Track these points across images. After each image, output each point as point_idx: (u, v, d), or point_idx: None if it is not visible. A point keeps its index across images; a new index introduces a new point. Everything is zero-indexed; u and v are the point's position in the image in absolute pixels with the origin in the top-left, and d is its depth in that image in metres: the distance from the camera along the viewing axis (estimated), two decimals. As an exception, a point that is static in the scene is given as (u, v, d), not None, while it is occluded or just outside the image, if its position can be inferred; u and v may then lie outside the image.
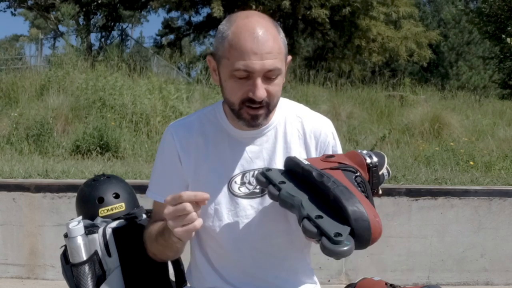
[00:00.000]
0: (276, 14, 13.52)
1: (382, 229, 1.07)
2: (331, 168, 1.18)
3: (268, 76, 1.19)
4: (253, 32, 1.17)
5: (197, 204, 1.13)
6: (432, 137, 6.07)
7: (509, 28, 13.50)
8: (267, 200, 1.27)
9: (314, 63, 13.19)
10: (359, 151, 1.27)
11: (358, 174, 1.19)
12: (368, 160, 1.22)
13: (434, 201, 3.31)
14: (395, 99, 8.25)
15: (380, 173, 1.25)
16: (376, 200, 1.21)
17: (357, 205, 1.06)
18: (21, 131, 5.56)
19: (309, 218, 1.07)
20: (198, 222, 1.13)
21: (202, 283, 1.37)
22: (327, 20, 14.17)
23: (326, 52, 16.57)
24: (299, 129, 1.35)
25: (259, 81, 1.18)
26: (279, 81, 1.23)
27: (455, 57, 22.40)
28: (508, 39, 12.03)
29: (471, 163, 4.65)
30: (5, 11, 17.02)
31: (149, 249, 1.35)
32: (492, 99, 10.12)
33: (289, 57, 1.30)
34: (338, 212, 1.07)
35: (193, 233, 1.17)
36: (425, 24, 20.13)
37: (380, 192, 1.29)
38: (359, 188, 1.14)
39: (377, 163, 1.23)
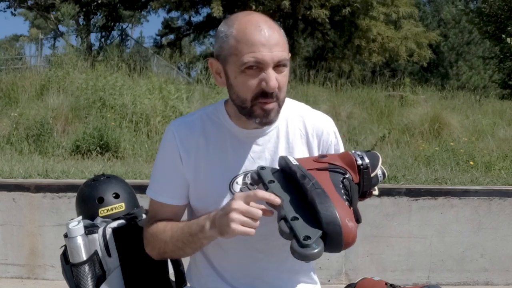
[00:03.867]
0: (276, 14, 13.53)
1: (356, 235, 1.06)
2: (318, 169, 1.18)
3: (278, 68, 1.19)
4: (258, 25, 1.18)
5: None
6: (432, 137, 6.07)
7: (509, 28, 13.50)
8: None
9: (314, 63, 13.21)
10: (353, 151, 1.26)
11: (347, 176, 1.18)
12: (359, 162, 1.21)
13: (434, 201, 3.31)
14: (395, 99, 8.24)
15: (373, 174, 1.23)
16: (376, 200, 1.21)
17: (330, 209, 1.06)
18: (21, 131, 5.56)
19: (285, 219, 1.08)
20: (253, 232, 1.13)
21: (202, 284, 1.37)
22: (327, 20, 14.18)
23: (326, 52, 16.58)
24: (301, 129, 1.35)
25: (270, 71, 1.18)
26: (287, 73, 1.23)
27: (455, 57, 22.40)
28: (508, 39, 12.04)
29: (471, 163, 4.65)
30: (5, 11, 17.05)
31: (159, 249, 1.32)
32: (492, 99, 10.12)
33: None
34: (314, 214, 1.08)
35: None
36: (425, 24, 20.16)
37: (377, 192, 1.27)
38: (342, 191, 1.14)
39: (368, 165, 1.21)
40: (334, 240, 1.05)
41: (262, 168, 1.23)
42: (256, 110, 1.21)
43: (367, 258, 3.28)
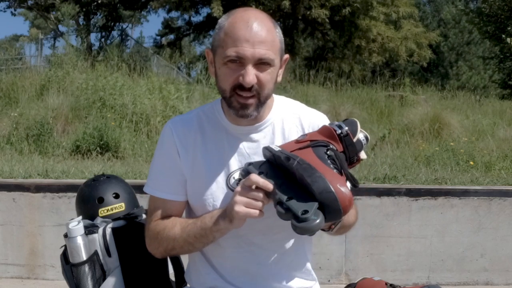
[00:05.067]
0: (276, 14, 13.52)
1: (352, 197, 1.09)
2: (300, 148, 1.21)
3: (260, 65, 1.22)
4: (247, 21, 1.21)
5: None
6: (432, 137, 6.07)
7: (509, 28, 13.50)
8: None
9: (314, 63, 13.20)
10: (329, 123, 1.29)
11: (330, 147, 1.21)
12: (338, 131, 1.24)
13: (434, 201, 3.31)
14: (395, 99, 8.25)
15: (355, 139, 1.25)
16: (376, 200, 1.22)
17: (319, 179, 1.08)
18: (21, 131, 5.56)
19: (280, 202, 1.11)
20: (259, 214, 1.17)
21: (201, 283, 1.37)
22: (327, 20, 14.18)
23: (326, 52, 16.58)
24: (297, 125, 1.37)
25: (249, 67, 1.21)
26: (272, 72, 1.25)
27: (455, 57, 22.41)
28: (508, 39, 12.04)
29: (471, 163, 4.64)
30: (5, 11, 17.03)
31: (166, 246, 1.32)
32: (492, 99, 10.13)
33: (287, 56, 1.32)
34: (306, 190, 1.10)
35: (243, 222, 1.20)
36: (425, 24, 20.15)
37: (365, 156, 1.30)
38: (329, 162, 1.16)
39: (347, 131, 1.24)
40: (331, 207, 1.07)
41: (250, 164, 1.25)
42: (233, 101, 1.25)
43: (367, 258, 3.28)
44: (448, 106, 7.74)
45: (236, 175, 1.31)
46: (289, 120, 1.36)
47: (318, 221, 1.05)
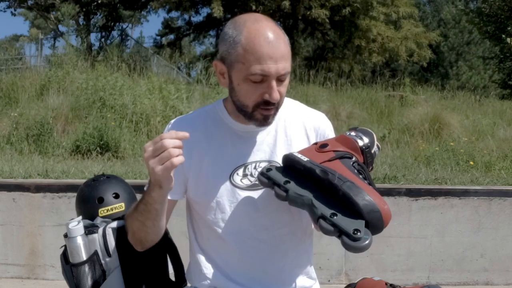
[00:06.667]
0: (276, 14, 13.52)
1: (391, 213, 1.12)
2: (329, 160, 1.21)
3: (280, 79, 1.24)
4: (267, 37, 1.22)
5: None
6: (432, 137, 6.07)
7: (509, 28, 13.49)
8: (269, 191, 1.29)
9: (314, 63, 13.21)
10: (347, 133, 1.30)
11: (354, 159, 1.23)
12: (361, 143, 1.26)
13: (434, 201, 3.31)
14: (395, 99, 8.25)
15: (372, 151, 1.28)
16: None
17: (366, 198, 1.10)
18: (21, 131, 5.56)
19: (324, 217, 1.12)
20: (178, 159, 1.14)
21: (202, 281, 1.37)
22: (327, 20, 14.17)
23: (326, 52, 16.58)
24: (299, 123, 1.39)
25: (274, 83, 1.23)
26: (287, 82, 1.28)
27: (455, 57, 22.41)
28: (508, 39, 12.03)
29: (471, 163, 4.64)
30: (5, 11, 17.01)
31: (131, 231, 1.33)
32: (492, 99, 10.13)
33: None
34: (348, 206, 1.11)
35: (172, 183, 1.18)
36: (425, 24, 20.14)
37: (373, 166, 1.32)
38: (360, 176, 1.18)
39: (369, 144, 1.26)
40: (376, 225, 1.10)
41: (269, 169, 1.26)
42: (257, 115, 1.27)
43: (367, 258, 3.28)
44: (448, 106, 7.74)
45: (240, 172, 1.33)
46: (291, 118, 1.39)
47: (368, 240, 1.07)
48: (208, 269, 1.36)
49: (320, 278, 1.49)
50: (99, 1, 16.04)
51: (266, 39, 1.21)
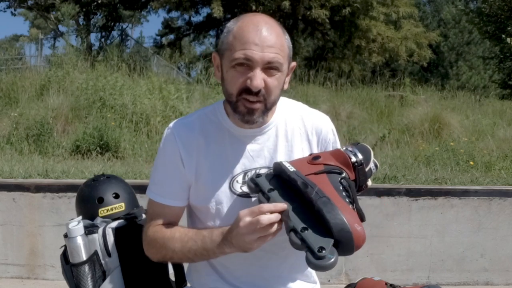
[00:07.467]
0: (276, 14, 13.51)
1: (365, 236, 1.09)
2: (316, 173, 1.19)
3: (268, 70, 1.21)
4: (257, 25, 1.21)
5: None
6: (432, 137, 6.07)
7: (509, 28, 13.50)
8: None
9: (314, 63, 13.21)
10: (344, 148, 1.27)
11: (343, 175, 1.20)
12: (353, 159, 1.23)
13: (434, 201, 3.31)
14: (395, 99, 8.24)
15: (367, 169, 1.25)
16: (376, 200, 1.22)
17: (338, 217, 1.08)
18: (21, 131, 5.56)
19: (295, 230, 1.10)
20: (273, 229, 1.14)
21: (202, 283, 1.37)
22: (327, 20, 14.17)
23: (326, 52, 16.58)
24: (300, 127, 1.36)
25: (257, 70, 1.20)
26: (279, 78, 1.24)
27: (455, 57, 22.41)
28: (508, 39, 12.03)
29: (471, 163, 4.65)
30: (5, 11, 17.02)
31: (165, 254, 1.31)
32: (492, 99, 10.12)
33: (294, 64, 1.31)
34: (322, 223, 1.10)
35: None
36: (425, 24, 20.15)
37: (370, 183, 1.30)
38: (344, 193, 1.15)
39: (362, 161, 1.23)
40: (345, 245, 1.07)
41: (258, 175, 1.24)
42: (240, 106, 1.24)
43: (367, 258, 3.28)
44: (448, 106, 7.74)
45: (240, 179, 1.30)
46: (292, 122, 1.36)
47: (332, 260, 1.05)
48: (207, 272, 1.36)
49: (320, 278, 1.49)
50: (99, 1, 16.04)
51: (256, 27, 1.20)
